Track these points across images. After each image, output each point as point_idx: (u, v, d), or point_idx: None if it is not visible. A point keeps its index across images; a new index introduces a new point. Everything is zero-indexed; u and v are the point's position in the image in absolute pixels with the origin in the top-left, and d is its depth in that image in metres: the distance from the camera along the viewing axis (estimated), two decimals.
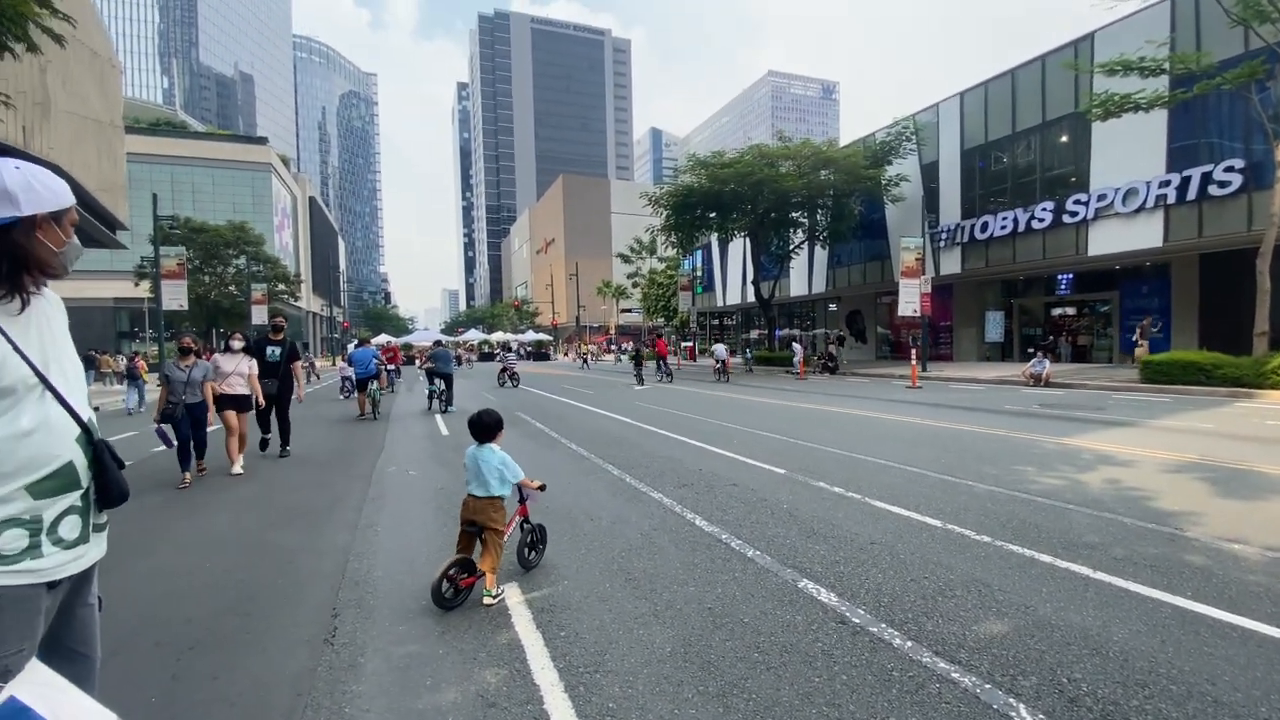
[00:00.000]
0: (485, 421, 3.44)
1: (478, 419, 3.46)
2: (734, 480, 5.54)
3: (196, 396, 6.33)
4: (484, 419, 3.45)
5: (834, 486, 5.20)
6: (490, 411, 3.52)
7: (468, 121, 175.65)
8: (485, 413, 3.50)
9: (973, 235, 24.41)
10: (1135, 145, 19.16)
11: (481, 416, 3.47)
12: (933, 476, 5.53)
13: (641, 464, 6.41)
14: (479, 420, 3.46)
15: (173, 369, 6.31)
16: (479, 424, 3.44)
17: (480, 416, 3.47)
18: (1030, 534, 3.97)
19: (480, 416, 3.47)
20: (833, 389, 16.21)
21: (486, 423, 3.44)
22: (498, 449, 3.41)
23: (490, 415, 3.48)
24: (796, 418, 10.12)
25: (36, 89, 24.84)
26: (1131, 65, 15.14)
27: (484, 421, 3.44)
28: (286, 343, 7.93)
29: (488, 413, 3.51)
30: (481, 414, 3.49)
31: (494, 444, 3.42)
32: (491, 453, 3.36)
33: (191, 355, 6.47)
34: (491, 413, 3.51)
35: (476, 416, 3.48)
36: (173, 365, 6.34)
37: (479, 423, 3.45)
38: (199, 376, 6.42)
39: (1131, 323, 22.61)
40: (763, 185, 24.78)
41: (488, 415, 3.48)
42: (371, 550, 4.05)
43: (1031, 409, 10.74)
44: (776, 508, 4.61)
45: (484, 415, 3.47)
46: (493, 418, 3.48)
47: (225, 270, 41.76)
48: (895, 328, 32.39)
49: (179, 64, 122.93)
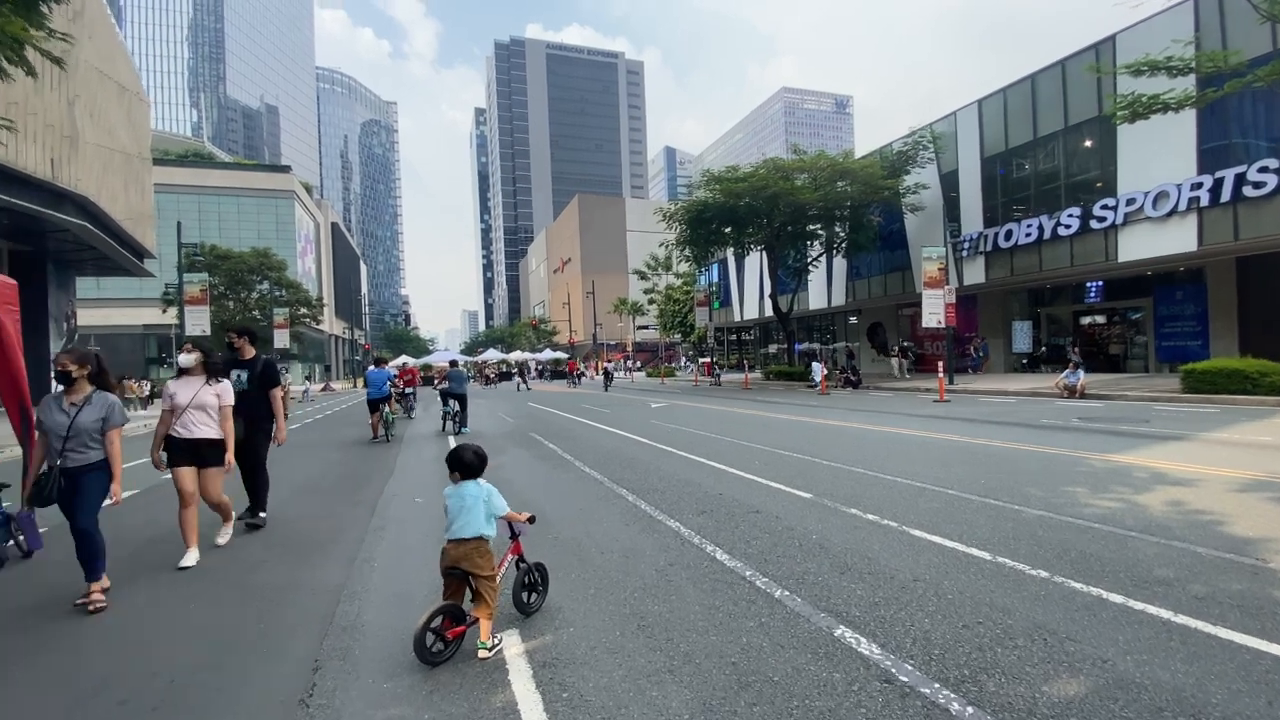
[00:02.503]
0: (466, 459, 3.05)
1: (458, 455, 3.07)
2: (756, 506, 5.16)
3: (87, 453, 3.69)
4: (464, 455, 3.07)
5: (867, 513, 4.79)
6: (472, 448, 3.14)
7: (485, 146, 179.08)
8: (467, 448, 3.12)
9: (996, 244, 23.82)
10: (1163, 147, 18.57)
11: (462, 453, 3.08)
12: (974, 500, 5.09)
13: (657, 488, 6.06)
14: (459, 457, 3.06)
15: (49, 409, 3.72)
16: (460, 461, 3.05)
17: (460, 453, 3.08)
18: (1093, 568, 3.53)
19: (460, 453, 3.08)
20: (856, 404, 15.70)
21: (468, 460, 3.05)
22: (482, 481, 3.09)
23: (472, 451, 3.11)
24: (820, 435, 9.68)
25: (65, 122, 25.66)
26: (1159, 65, 14.63)
27: (464, 459, 3.05)
28: (259, 363, 5.47)
29: (472, 450, 3.12)
30: (463, 449, 3.11)
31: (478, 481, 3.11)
32: (477, 485, 3.04)
33: (85, 383, 3.79)
34: (476, 450, 3.14)
35: (456, 453, 3.09)
36: (50, 403, 3.75)
37: (459, 460, 3.05)
38: (90, 422, 3.70)
39: (1167, 329, 21.78)
40: (778, 198, 24.52)
41: (471, 452, 3.11)
42: (365, 589, 3.76)
43: (1071, 423, 10.16)
44: (805, 538, 4.22)
45: (465, 451, 3.10)
46: (476, 454, 3.11)
47: (249, 296, 42.60)
48: (918, 340, 31.67)
49: (207, 98, 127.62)
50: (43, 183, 23.71)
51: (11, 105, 22.42)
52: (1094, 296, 24.36)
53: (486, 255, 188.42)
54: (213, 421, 4.56)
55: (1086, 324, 25.28)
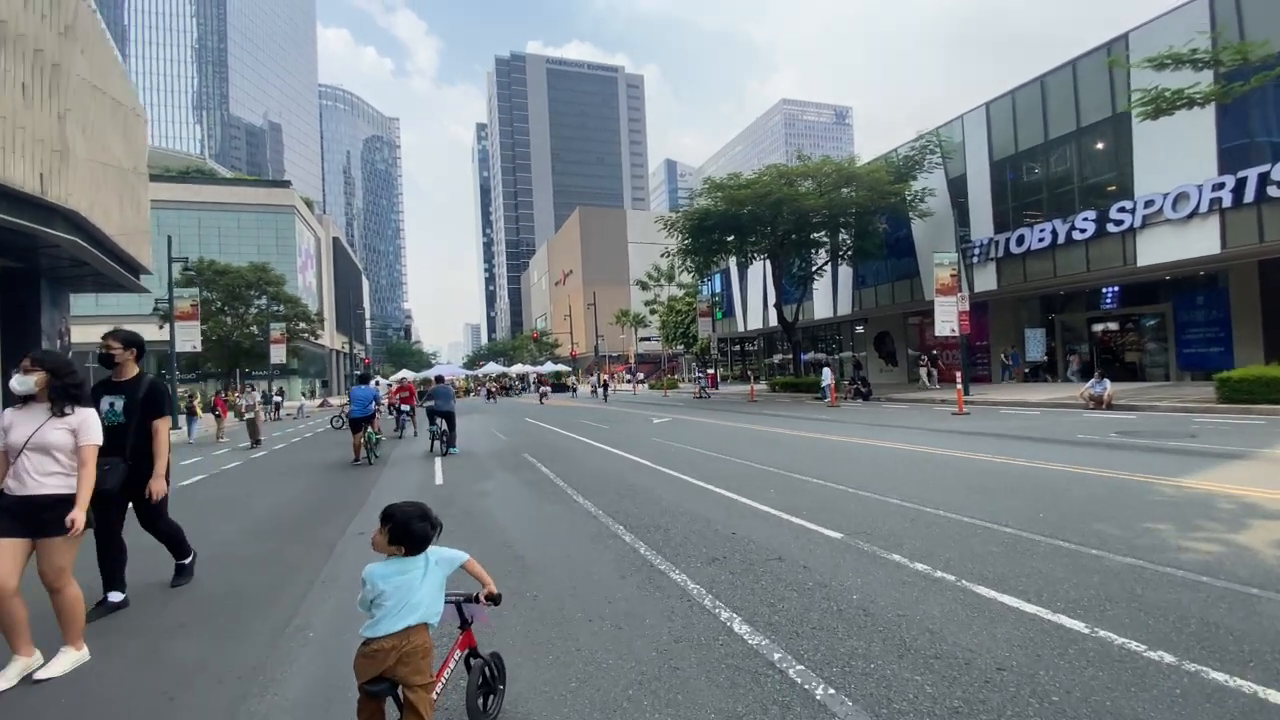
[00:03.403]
0: (414, 530, 2.14)
1: (404, 521, 2.14)
2: (778, 551, 4.32)
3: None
4: (412, 523, 2.14)
5: (913, 561, 3.95)
6: (419, 510, 2.19)
7: (487, 160, 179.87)
8: (411, 511, 2.17)
9: (1008, 249, 23.09)
10: (1182, 147, 17.89)
11: (408, 519, 2.14)
12: (1040, 542, 4.24)
13: (660, 524, 5.23)
14: (405, 523, 2.14)
15: None
16: (405, 529, 2.13)
17: (406, 518, 2.14)
18: (1227, 646, 2.70)
19: (406, 518, 2.14)
20: (870, 418, 14.84)
21: (416, 531, 2.14)
22: (430, 550, 2.24)
23: (419, 514, 2.17)
24: (837, 455, 8.84)
25: (54, 136, 25.27)
26: (1182, 58, 13.92)
27: (411, 529, 2.13)
28: (143, 385, 4.03)
29: (419, 512, 2.18)
30: (407, 512, 2.16)
31: (433, 549, 2.25)
32: (425, 559, 2.20)
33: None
34: (424, 511, 2.20)
35: (400, 516, 2.15)
36: None
37: (406, 528, 2.13)
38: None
39: (1188, 336, 20.93)
40: (782, 205, 23.83)
41: (418, 515, 2.17)
42: (285, 676, 2.93)
43: (1110, 438, 9.30)
44: (843, 599, 3.39)
45: (411, 516, 2.16)
46: (425, 517, 2.19)
47: (247, 311, 42.03)
48: (926, 349, 30.83)
49: (209, 115, 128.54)
50: (32, 198, 23.17)
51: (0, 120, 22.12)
52: (1110, 302, 23.55)
53: (488, 269, 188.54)
54: (61, 469, 3.15)
55: (1100, 331, 24.46)
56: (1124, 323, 23.79)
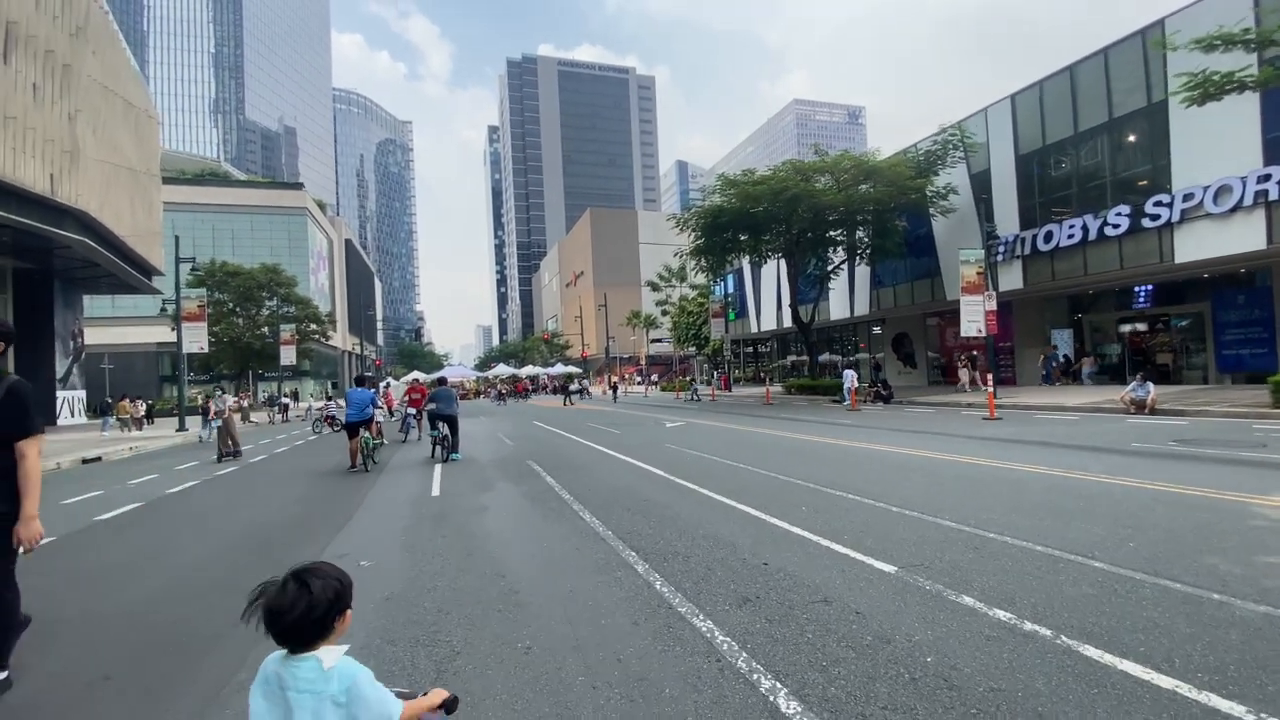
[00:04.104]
0: (285, 620, 1.30)
1: (275, 606, 1.31)
2: (822, 588, 3.60)
3: None
4: (282, 614, 1.30)
5: (992, 607, 3.21)
6: (291, 592, 1.31)
7: (499, 163, 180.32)
8: (283, 590, 1.32)
9: (1035, 247, 22.16)
10: (1223, 138, 16.93)
11: (278, 606, 1.30)
12: (1144, 582, 3.49)
13: (678, 550, 4.53)
14: (276, 609, 1.30)
15: None
16: (275, 617, 1.30)
17: (277, 602, 1.31)
18: None
19: (277, 602, 1.31)
20: (895, 423, 14.02)
21: (290, 623, 1.30)
22: (337, 659, 1.34)
23: (292, 595, 1.31)
24: (869, 465, 8.08)
25: (65, 137, 25.07)
26: (1233, 39, 13.02)
27: (281, 618, 1.30)
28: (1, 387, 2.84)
29: (291, 593, 1.31)
30: (278, 590, 1.33)
31: (325, 650, 1.34)
32: (320, 671, 1.31)
33: None
34: (311, 585, 1.32)
35: (272, 599, 1.32)
36: None
37: (276, 615, 1.30)
38: None
39: (1228, 336, 19.86)
40: (798, 201, 23.04)
41: (290, 596, 1.31)
42: None
43: (1170, 447, 8.47)
44: (914, 662, 2.67)
45: (282, 594, 1.31)
46: (313, 605, 1.31)
47: (258, 312, 41.93)
48: (947, 350, 29.85)
49: (225, 120, 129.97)
50: (42, 198, 23.04)
51: (9, 120, 21.90)
52: (1143, 302, 22.51)
53: (500, 271, 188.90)
54: None
55: (1129, 331, 23.42)
56: (1154, 323, 22.75)
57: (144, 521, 6.90)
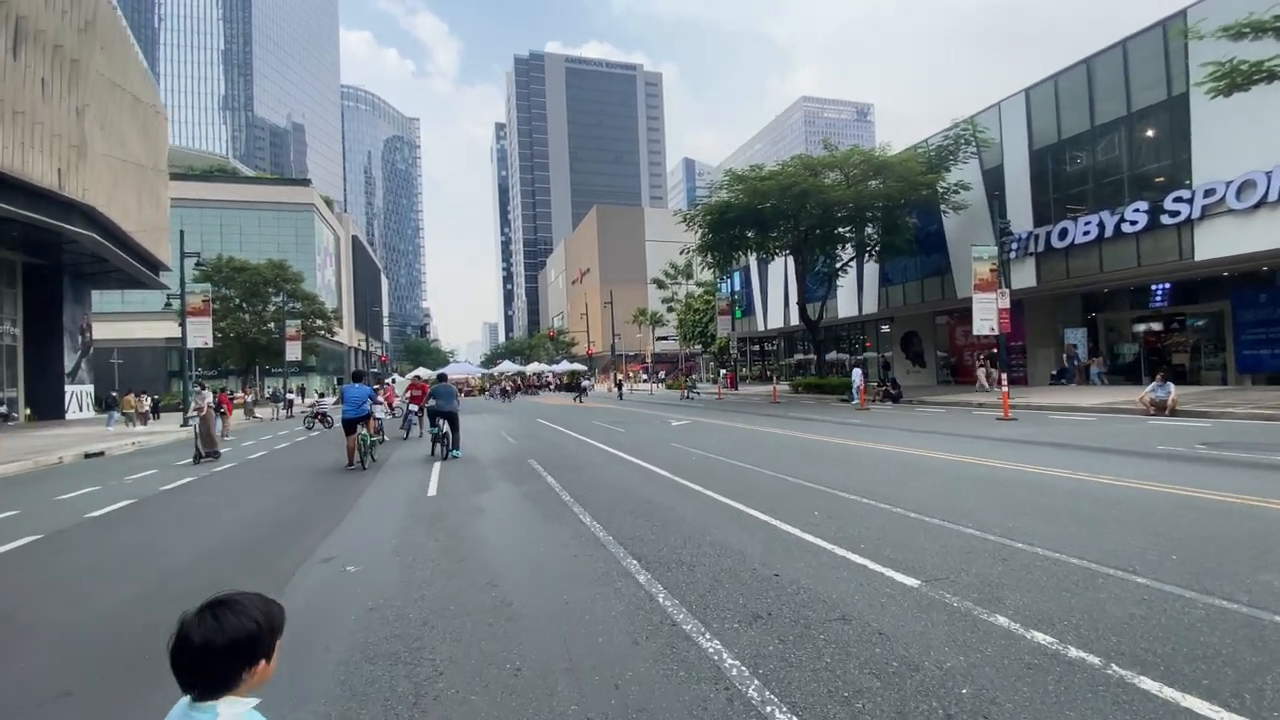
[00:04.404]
0: (184, 658, 1.07)
1: (180, 644, 1.07)
2: (839, 604, 3.31)
3: None
4: (186, 646, 1.06)
5: (1029, 629, 2.90)
6: (209, 629, 1.07)
7: (505, 160, 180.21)
8: (194, 627, 1.08)
9: (1049, 244, 21.70)
10: (1246, 131, 16.46)
11: (179, 647, 1.07)
12: (1194, 600, 3.17)
13: (683, 559, 4.25)
14: (181, 649, 1.07)
15: None
16: (179, 657, 1.07)
17: (185, 642, 1.07)
18: None
19: (185, 642, 1.07)
20: (906, 423, 13.68)
21: (188, 661, 1.07)
22: (238, 718, 1.07)
23: (204, 631, 1.07)
24: (883, 467, 7.77)
25: (72, 132, 24.99)
26: (1264, 26, 12.56)
27: (181, 656, 1.07)
28: None
29: (205, 629, 1.07)
30: (189, 625, 1.08)
31: (228, 704, 1.08)
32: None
33: None
34: (226, 623, 1.09)
35: (179, 638, 1.08)
36: None
37: (181, 654, 1.07)
38: None
39: (1249, 336, 19.38)
40: (807, 197, 22.64)
41: (202, 634, 1.07)
42: None
43: (1197, 451, 8.10)
44: (948, 695, 2.38)
45: (192, 628, 1.07)
46: (235, 643, 1.08)
47: (264, 308, 41.95)
48: (956, 350, 29.40)
49: (234, 117, 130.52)
50: (49, 193, 22.97)
51: (18, 114, 21.83)
52: (1160, 300, 22.00)
53: (506, 268, 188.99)
54: None
55: (1144, 331, 22.93)
56: (1169, 322, 22.27)
57: (133, 520, 6.70)
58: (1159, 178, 19.11)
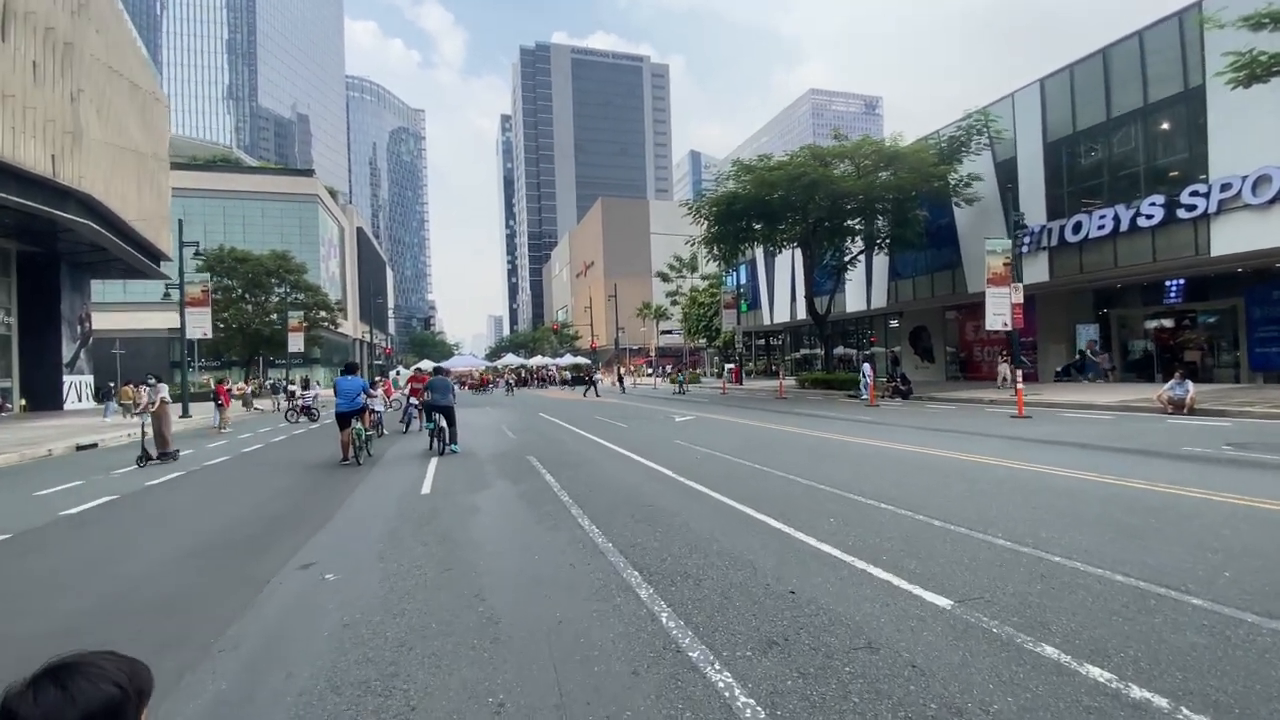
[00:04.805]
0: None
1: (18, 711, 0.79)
2: (864, 629, 2.98)
3: None
4: None
5: (1082, 662, 2.56)
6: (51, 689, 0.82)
7: (510, 152, 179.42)
8: (27, 702, 0.80)
9: (1063, 238, 21.23)
10: (1264, 125, 15.97)
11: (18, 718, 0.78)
12: (1260, 627, 2.82)
13: (688, 571, 3.92)
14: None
15: None
16: None
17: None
18: None
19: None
20: (917, 420, 13.31)
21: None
22: None
23: (40, 704, 0.79)
24: (899, 469, 7.42)
25: (66, 117, 24.60)
26: None
27: None
28: None
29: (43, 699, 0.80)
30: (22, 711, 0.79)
31: None
32: None
33: None
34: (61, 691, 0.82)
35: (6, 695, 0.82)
36: None
37: None
38: None
39: (1263, 334, 18.90)
40: (816, 188, 22.17)
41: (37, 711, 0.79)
42: None
43: (1224, 452, 7.73)
44: None
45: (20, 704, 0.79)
46: (53, 710, 0.80)
47: (267, 299, 41.71)
48: (966, 345, 28.96)
49: (238, 106, 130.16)
50: (43, 179, 22.61)
51: (8, 99, 21.48)
52: (1174, 296, 21.51)
53: (511, 260, 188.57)
54: None
55: (1155, 327, 22.47)
56: (1181, 319, 21.81)
57: (109, 518, 6.41)
58: (1174, 171, 18.63)
